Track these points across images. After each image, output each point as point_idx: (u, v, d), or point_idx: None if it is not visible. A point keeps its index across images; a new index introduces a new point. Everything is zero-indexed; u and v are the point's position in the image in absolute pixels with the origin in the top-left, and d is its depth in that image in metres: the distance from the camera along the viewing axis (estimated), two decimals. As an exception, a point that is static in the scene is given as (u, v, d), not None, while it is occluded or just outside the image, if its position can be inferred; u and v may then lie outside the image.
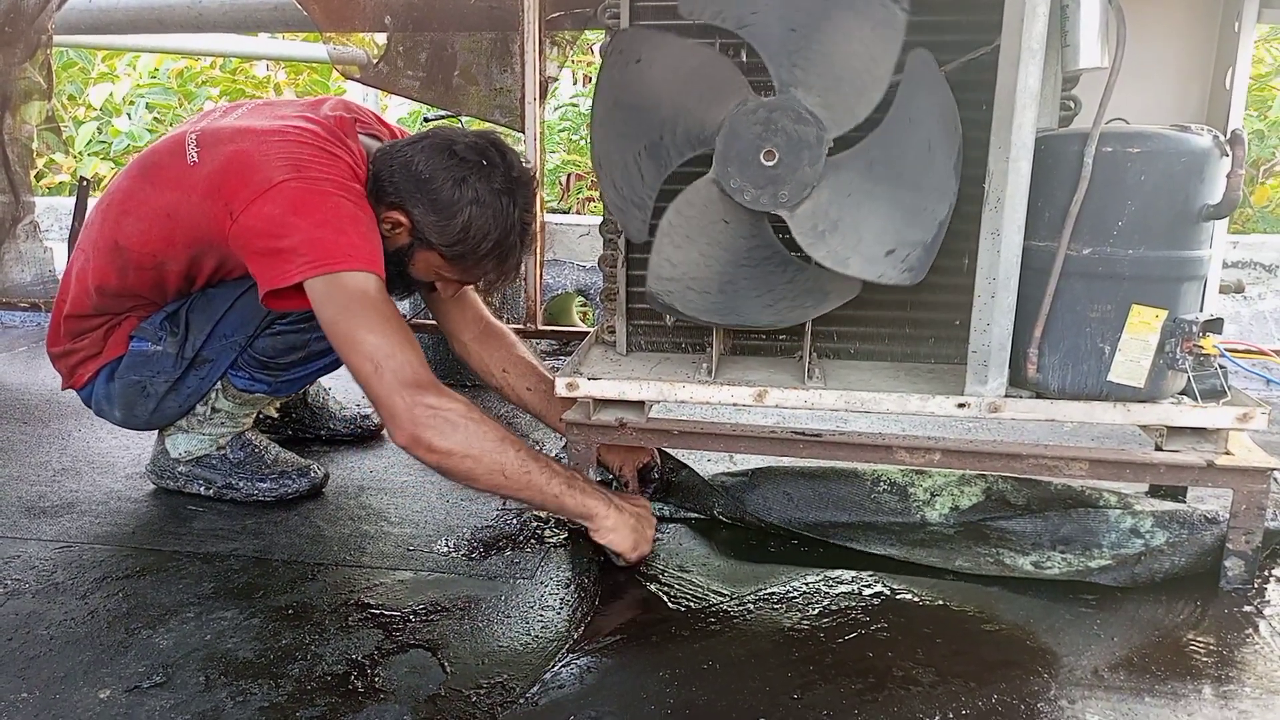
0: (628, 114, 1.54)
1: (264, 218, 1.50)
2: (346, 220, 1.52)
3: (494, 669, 1.26)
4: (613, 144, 1.55)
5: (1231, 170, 1.38)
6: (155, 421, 1.82)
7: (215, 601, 1.43)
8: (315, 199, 1.51)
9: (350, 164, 1.60)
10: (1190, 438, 1.51)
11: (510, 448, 1.46)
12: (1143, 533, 1.55)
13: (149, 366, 1.76)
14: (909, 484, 1.69)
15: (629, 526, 1.52)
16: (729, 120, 1.46)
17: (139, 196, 1.67)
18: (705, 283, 1.55)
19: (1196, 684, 1.25)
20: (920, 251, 1.45)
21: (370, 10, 2.74)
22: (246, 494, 1.81)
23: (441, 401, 1.46)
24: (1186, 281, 1.42)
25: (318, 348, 1.74)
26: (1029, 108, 1.38)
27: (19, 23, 2.92)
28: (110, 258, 1.69)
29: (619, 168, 1.56)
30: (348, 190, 1.55)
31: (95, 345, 1.78)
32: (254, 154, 1.55)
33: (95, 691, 1.20)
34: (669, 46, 1.51)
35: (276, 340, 1.74)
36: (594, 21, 2.59)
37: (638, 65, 1.51)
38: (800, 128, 1.44)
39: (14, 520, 1.71)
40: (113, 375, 1.77)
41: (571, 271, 3.27)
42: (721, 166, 1.48)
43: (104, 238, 1.70)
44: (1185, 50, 1.66)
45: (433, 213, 1.59)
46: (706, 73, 1.49)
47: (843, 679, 1.25)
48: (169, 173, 1.63)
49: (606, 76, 1.54)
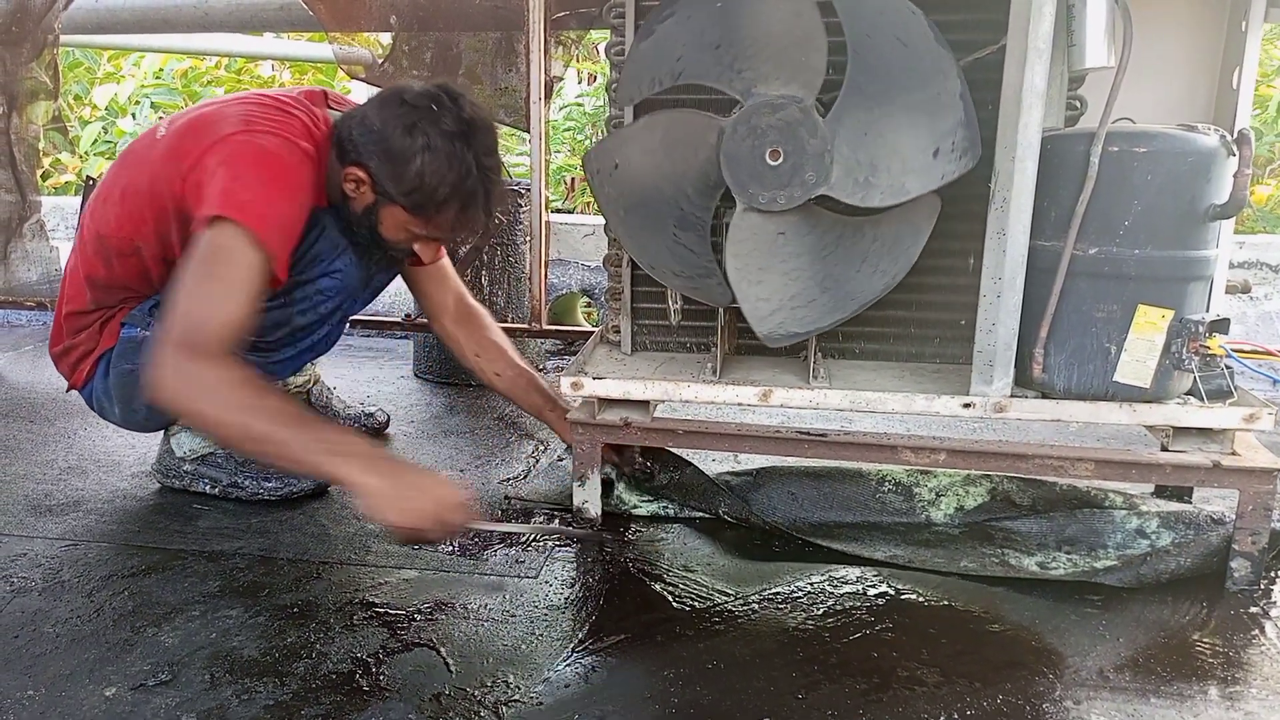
0: (640, 211, 1.57)
1: (203, 168, 1.54)
2: (265, 179, 1.52)
3: (498, 668, 1.26)
4: (648, 242, 1.58)
5: (1238, 170, 1.38)
6: (154, 416, 1.80)
7: (221, 600, 1.44)
8: (248, 153, 1.53)
9: (305, 122, 1.63)
10: (1196, 438, 1.50)
11: (260, 419, 1.38)
12: (1148, 533, 1.55)
13: (139, 353, 1.73)
14: (914, 484, 1.69)
15: (386, 497, 1.35)
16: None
17: (113, 183, 1.71)
18: (804, 295, 1.55)
19: (1202, 685, 1.25)
20: (962, 131, 1.41)
21: (376, 10, 2.75)
22: (252, 492, 1.81)
23: (204, 370, 1.40)
24: (1193, 282, 1.42)
25: (301, 321, 1.73)
26: (1035, 107, 1.38)
27: (26, 22, 2.93)
28: (95, 249, 1.73)
29: (667, 256, 1.58)
30: (290, 147, 1.57)
31: (91, 339, 1.80)
32: (211, 115, 1.61)
33: (101, 689, 1.21)
34: (630, 138, 1.55)
35: (261, 319, 1.68)
36: (599, 21, 2.59)
37: (617, 171, 1.56)
38: (781, 114, 1.44)
39: (20, 518, 1.71)
40: (108, 368, 1.78)
41: (576, 271, 3.27)
42: (742, 192, 1.48)
43: (89, 231, 1.74)
44: (1192, 49, 1.66)
45: (387, 162, 1.58)
46: (674, 132, 1.52)
47: (847, 679, 1.25)
48: (139, 155, 1.69)
49: (602, 195, 1.59)
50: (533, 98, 2.54)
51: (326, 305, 1.74)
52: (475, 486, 1.90)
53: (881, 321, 1.73)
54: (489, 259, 2.66)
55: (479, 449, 2.13)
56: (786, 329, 1.55)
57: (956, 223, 1.58)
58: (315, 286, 1.70)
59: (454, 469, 2.00)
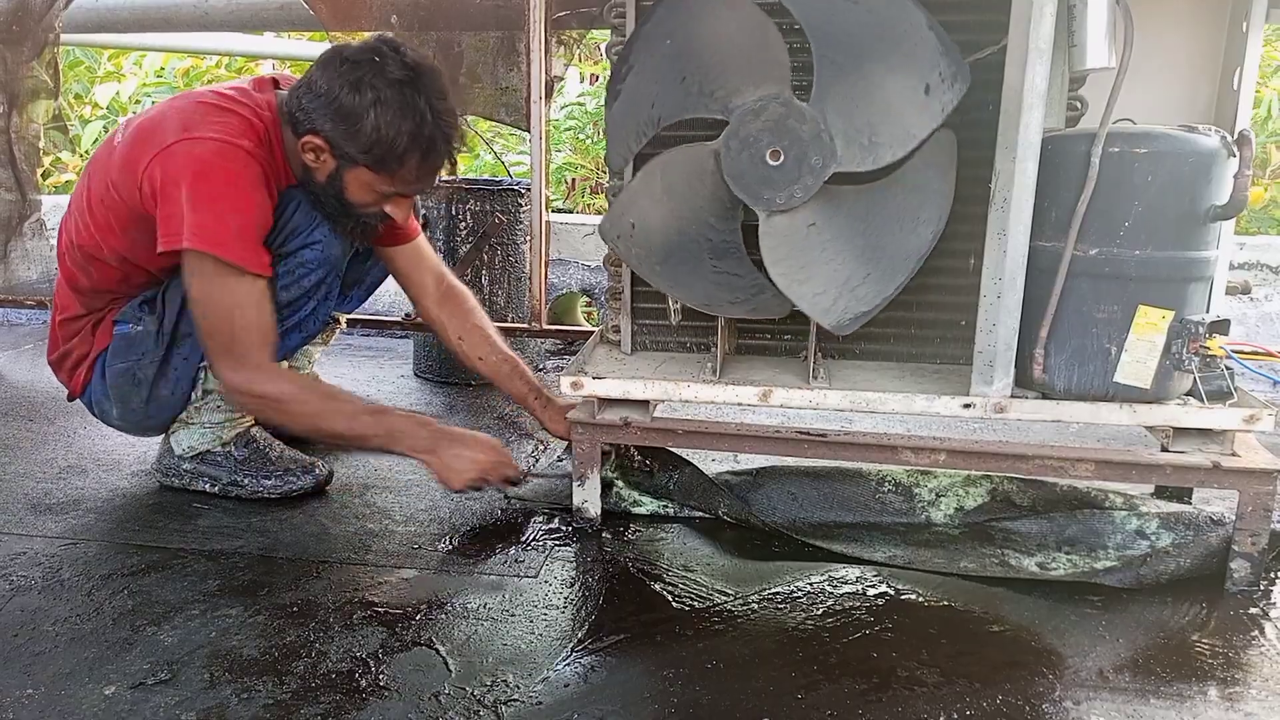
0: (673, 258, 1.57)
1: (151, 180, 1.59)
2: (214, 196, 1.57)
3: (498, 667, 1.26)
4: (693, 283, 1.57)
5: (1239, 171, 1.38)
6: (153, 415, 1.82)
7: (220, 599, 1.43)
8: (190, 169, 1.56)
9: (245, 116, 1.64)
10: (1196, 439, 1.50)
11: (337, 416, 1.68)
12: (1148, 534, 1.55)
13: (133, 350, 1.77)
14: (914, 484, 1.69)
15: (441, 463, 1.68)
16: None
17: (82, 192, 1.75)
18: (856, 274, 1.53)
19: (1202, 686, 1.25)
20: (943, 60, 1.41)
21: (377, 9, 2.75)
22: (251, 491, 1.81)
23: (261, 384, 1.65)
24: (1193, 282, 1.42)
25: (286, 297, 1.73)
26: (1036, 108, 1.38)
27: (26, 21, 2.93)
28: (73, 257, 1.77)
29: (715, 289, 1.58)
30: (230, 151, 1.59)
31: (85, 343, 1.82)
32: (152, 122, 1.64)
33: (100, 688, 1.21)
34: (636, 193, 1.55)
35: None
36: (600, 21, 2.59)
37: (636, 230, 1.56)
38: (765, 116, 1.44)
39: (20, 517, 1.71)
40: (106, 369, 1.79)
41: (576, 271, 3.27)
42: (757, 200, 1.48)
43: (66, 240, 1.79)
44: (1193, 50, 1.66)
45: (341, 123, 1.57)
46: (672, 172, 1.52)
47: (847, 679, 1.25)
48: (101, 163, 1.72)
49: (632, 257, 1.59)
50: (533, 97, 2.54)
51: (310, 278, 1.74)
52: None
53: (881, 322, 1.72)
54: (489, 259, 2.66)
55: (479, 448, 2.12)
56: (853, 311, 1.52)
57: (957, 223, 1.58)
58: (297, 259, 1.71)
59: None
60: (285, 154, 1.69)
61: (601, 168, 4.60)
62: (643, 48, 1.51)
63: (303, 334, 1.84)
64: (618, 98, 1.54)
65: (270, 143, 1.66)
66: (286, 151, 1.68)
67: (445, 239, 2.62)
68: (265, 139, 1.65)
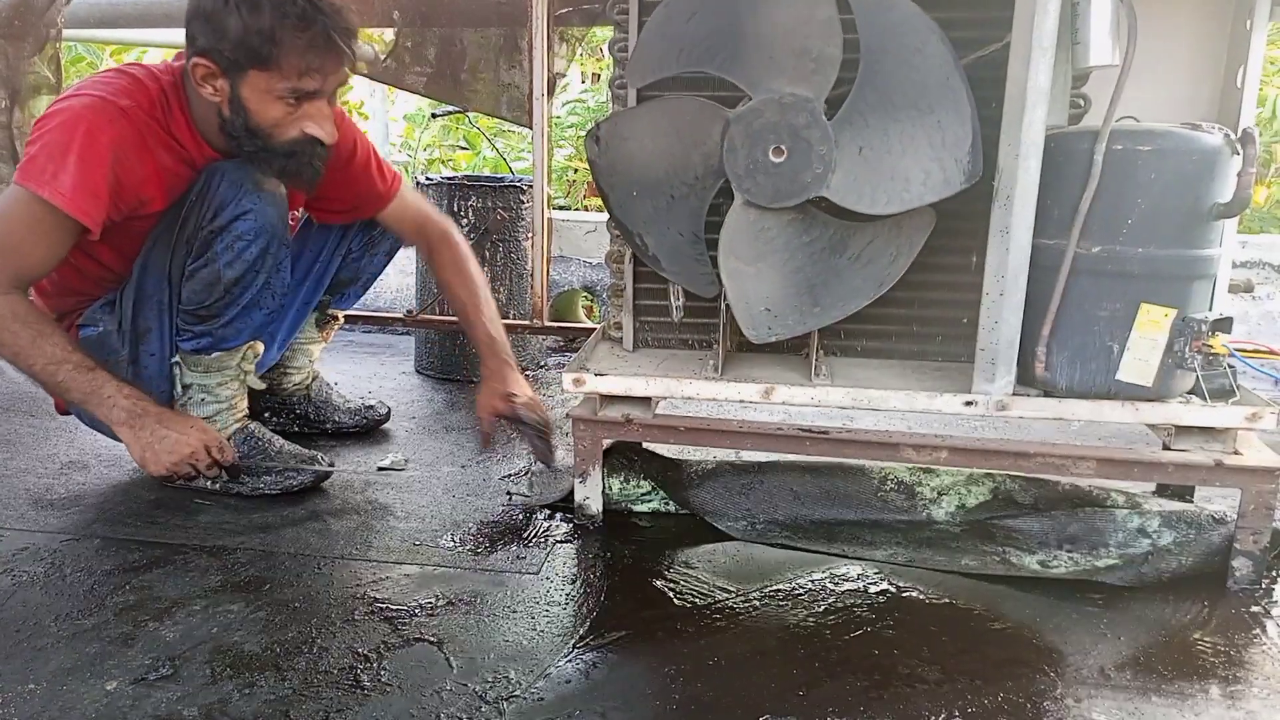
0: (641, 191, 1.58)
1: (29, 140, 1.57)
2: (65, 144, 1.53)
3: (499, 664, 1.26)
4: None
5: (1242, 169, 1.38)
6: None
7: (222, 594, 1.44)
8: (55, 121, 1.54)
9: (138, 78, 1.62)
10: (1199, 437, 1.50)
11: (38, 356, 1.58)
12: (1150, 532, 1.55)
13: (101, 351, 1.74)
14: (916, 482, 1.69)
15: (139, 442, 1.62)
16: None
17: None
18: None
19: (1204, 684, 1.25)
20: (967, 153, 1.41)
21: (379, 5, 2.75)
22: (252, 488, 1.81)
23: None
24: (1196, 280, 1.41)
25: (232, 274, 1.68)
26: (1039, 105, 1.37)
27: (28, 17, 2.92)
28: None
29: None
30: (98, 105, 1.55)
31: None
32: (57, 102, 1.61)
33: (102, 683, 1.21)
34: (641, 115, 1.56)
35: (193, 283, 1.70)
36: (603, 17, 2.59)
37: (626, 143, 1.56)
38: (789, 113, 1.44)
39: (22, 512, 1.71)
40: None
41: (578, 268, 3.27)
42: (740, 185, 1.48)
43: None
44: (1196, 48, 1.66)
45: (211, 30, 1.53)
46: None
47: (848, 676, 1.25)
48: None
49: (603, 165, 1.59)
50: (535, 94, 2.53)
51: (251, 249, 1.68)
52: (476, 482, 1.90)
53: (884, 319, 1.72)
54: (491, 255, 2.66)
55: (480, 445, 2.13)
56: (772, 331, 1.57)
57: (959, 220, 1.58)
58: (232, 233, 1.67)
59: (455, 465, 2.00)
60: (193, 116, 1.65)
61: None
62: None
63: (264, 311, 1.79)
64: (661, 25, 1.50)
65: (167, 104, 1.63)
66: (195, 115, 1.65)
67: (447, 236, 2.62)
68: (159, 100, 1.62)
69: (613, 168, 1.60)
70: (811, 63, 1.44)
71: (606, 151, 1.60)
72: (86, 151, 1.53)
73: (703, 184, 1.55)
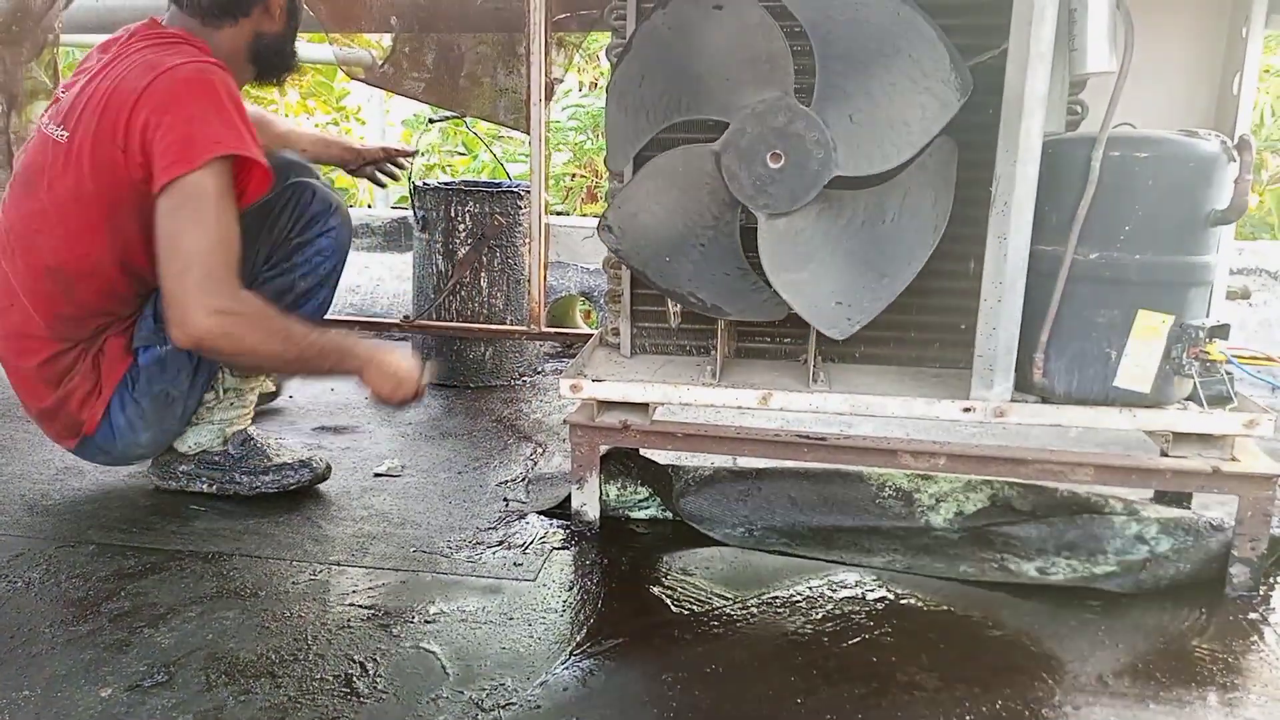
0: (676, 48, 1.50)
1: (137, 127, 1.50)
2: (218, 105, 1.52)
3: (496, 671, 1.26)
4: (646, 66, 1.51)
5: (1239, 176, 1.38)
6: (180, 429, 1.78)
7: (217, 601, 1.43)
8: (182, 88, 1.52)
9: (187, 43, 1.63)
10: (1196, 444, 1.50)
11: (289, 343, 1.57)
12: (1148, 539, 1.55)
13: (167, 372, 1.70)
14: (914, 489, 1.68)
15: (387, 377, 1.68)
16: (758, 106, 1.45)
17: (38, 213, 1.61)
18: (658, 237, 1.57)
19: (1202, 691, 1.24)
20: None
21: (376, 11, 2.74)
22: (250, 487, 1.81)
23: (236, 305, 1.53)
24: (1194, 287, 1.42)
25: (304, 286, 1.77)
26: (1036, 112, 1.38)
27: (26, 21, 2.92)
28: (50, 285, 1.62)
29: (637, 88, 1.53)
30: (210, 69, 1.56)
31: (89, 379, 1.69)
32: (111, 85, 1.55)
33: (97, 690, 1.20)
34: (750, 11, 1.46)
35: (265, 289, 1.69)
36: (600, 24, 2.59)
37: (715, 10, 1.46)
38: (814, 149, 1.44)
39: (17, 518, 1.71)
40: (133, 398, 1.70)
41: (575, 274, 3.27)
42: (754, 202, 1.48)
43: (28, 273, 1.63)
44: (1193, 55, 1.66)
45: None
46: (765, 53, 1.46)
47: (846, 683, 1.25)
48: (50, 169, 1.59)
49: (680, 6, 1.48)
50: (533, 99, 2.53)
51: (325, 266, 1.79)
52: (472, 489, 1.90)
53: (881, 325, 1.72)
54: (488, 260, 2.66)
55: (476, 451, 2.12)
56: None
57: (958, 226, 1.57)
58: (315, 247, 1.76)
59: (451, 471, 2.00)
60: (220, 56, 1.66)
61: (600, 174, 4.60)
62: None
63: (324, 312, 1.88)
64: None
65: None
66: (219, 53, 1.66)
67: (444, 240, 2.62)
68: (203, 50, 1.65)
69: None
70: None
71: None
72: (231, 103, 1.55)
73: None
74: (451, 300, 2.64)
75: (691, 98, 1.50)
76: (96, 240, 1.60)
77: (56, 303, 1.63)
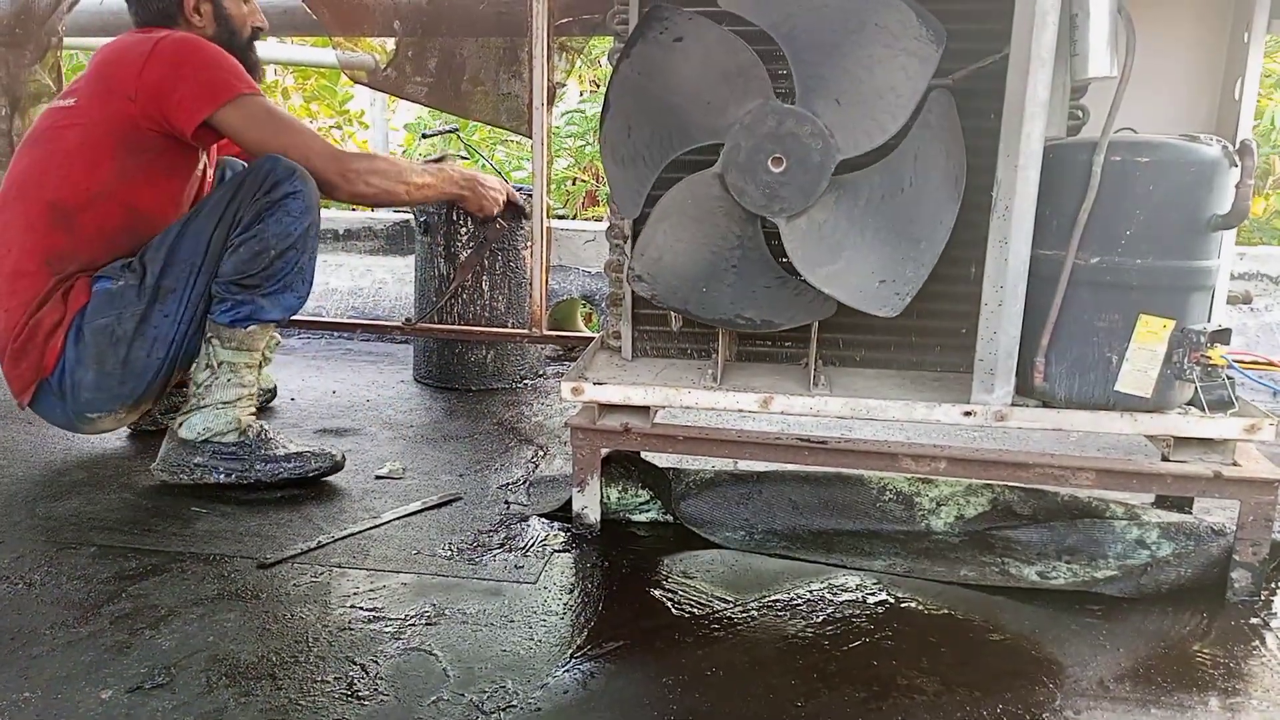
0: (651, 90, 1.53)
1: (152, 79, 1.76)
2: (219, 55, 1.81)
3: (497, 673, 1.26)
4: (629, 116, 1.55)
5: (1241, 180, 1.38)
6: (125, 381, 1.82)
7: (218, 603, 1.43)
8: (187, 47, 1.79)
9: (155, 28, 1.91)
10: (1197, 448, 1.50)
11: (410, 176, 2.03)
12: (1149, 544, 1.55)
13: (113, 304, 1.79)
14: (915, 493, 1.69)
15: (478, 198, 2.32)
16: (745, 119, 1.46)
17: (43, 159, 1.82)
18: (689, 273, 1.57)
19: (1203, 696, 1.24)
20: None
21: (379, 15, 2.75)
22: (272, 474, 1.85)
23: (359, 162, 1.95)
24: (1195, 292, 1.42)
25: (278, 247, 1.81)
26: (1038, 117, 1.38)
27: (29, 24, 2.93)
28: (52, 219, 1.80)
29: (627, 139, 1.55)
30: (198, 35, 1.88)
31: (57, 309, 1.80)
32: (115, 49, 1.83)
33: (97, 692, 1.20)
34: (709, 33, 1.50)
35: (240, 253, 1.81)
36: (602, 28, 2.60)
37: (676, 44, 1.50)
38: (811, 142, 1.44)
39: (17, 520, 1.71)
40: (80, 330, 1.79)
41: (577, 277, 3.27)
42: (772, 209, 1.48)
43: (28, 211, 1.81)
44: (1194, 60, 1.66)
45: None
46: (736, 67, 1.49)
47: (847, 687, 1.25)
48: (56, 125, 1.83)
49: (643, 49, 1.52)
50: (535, 104, 2.54)
51: (297, 226, 1.82)
52: (474, 491, 1.90)
53: (883, 329, 1.72)
54: (490, 264, 2.66)
55: (478, 454, 2.12)
56: (654, 283, 1.57)
57: (959, 230, 1.58)
58: (283, 208, 1.81)
59: (452, 474, 2.00)
60: None
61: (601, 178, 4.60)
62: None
63: (295, 295, 1.89)
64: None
65: None
66: None
67: (445, 244, 2.62)
68: None
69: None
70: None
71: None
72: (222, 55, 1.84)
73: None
74: (453, 303, 2.65)
75: (680, 132, 1.52)
76: (99, 174, 1.80)
77: (57, 238, 1.80)
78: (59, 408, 1.86)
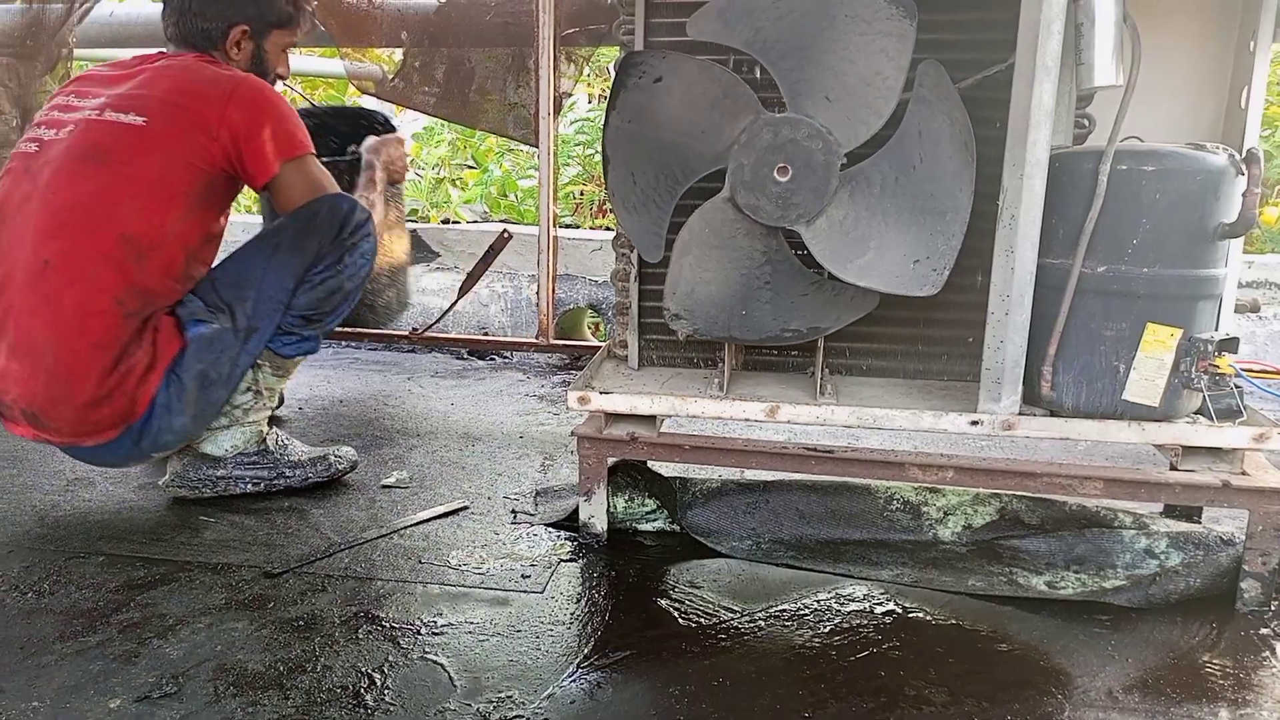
0: (645, 134, 1.56)
1: (235, 125, 1.74)
2: (290, 109, 1.84)
3: (503, 683, 1.26)
4: (629, 164, 1.57)
5: (1247, 189, 1.38)
6: (206, 420, 1.80)
7: (226, 612, 1.43)
8: (267, 95, 1.79)
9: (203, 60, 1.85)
10: (1206, 458, 1.50)
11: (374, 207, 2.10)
12: (1157, 553, 1.54)
13: (212, 349, 1.74)
14: (922, 502, 1.68)
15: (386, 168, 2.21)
16: (742, 138, 1.47)
17: (114, 186, 1.66)
18: (725, 299, 1.56)
19: (1212, 707, 1.24)
20: (941, 269, 1.45)
21: (387, 26, 2.77)
22: (301, 479, 1.90)
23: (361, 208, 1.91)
24: (1202, 300, 1.41)
25: (349, 286, 1.86)
26: (1043, 125, 1.38)
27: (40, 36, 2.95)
28: (121, 251, 1.64)
29: (633, 187, 1.57)
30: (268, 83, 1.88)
31: (145, 354, 1.68)
32: (188, 78, 1.77)
33: (105, 701, 1.20)
34: (685, 67, 1.53)
35: (317, 290, 1.82)
36: (609, 38, 2.61)
37: (657, 85, 1.54)
38: (811, 143, 1.45)
39: (27, 529, 1.72)
40: (177, 375, 1.70)
41: (584, 286, 3.28)
42: (786, 216, 1.49)
43: (99, 242, 1.64)
44: (1200, 69, 1.66)
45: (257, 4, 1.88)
46: (720, 91, 1.51)
47: (854, 698, 1.24)
48: (128, 149, 1.69)
49: (626, 97, 1.55)
50: (542, 113, 2.55)
51: (366, 269, 1.89)
52: (480, 500, 1.90)
53: (889, 338, 1.72)
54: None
55: (484, 463, 2.12)
56: (693, 318, 1.59)
57: (965, 239, 1.58)
58: (359, 250, 1.85)
59: (459, 483, 2.00)
60: None
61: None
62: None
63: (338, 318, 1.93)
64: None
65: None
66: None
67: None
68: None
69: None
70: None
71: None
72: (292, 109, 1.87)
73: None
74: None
75: (682, 166, 1.54)
76: (173, 211, 1.71)
77: (129, 271, 1.65)
78: (126, 449, 1.74)
